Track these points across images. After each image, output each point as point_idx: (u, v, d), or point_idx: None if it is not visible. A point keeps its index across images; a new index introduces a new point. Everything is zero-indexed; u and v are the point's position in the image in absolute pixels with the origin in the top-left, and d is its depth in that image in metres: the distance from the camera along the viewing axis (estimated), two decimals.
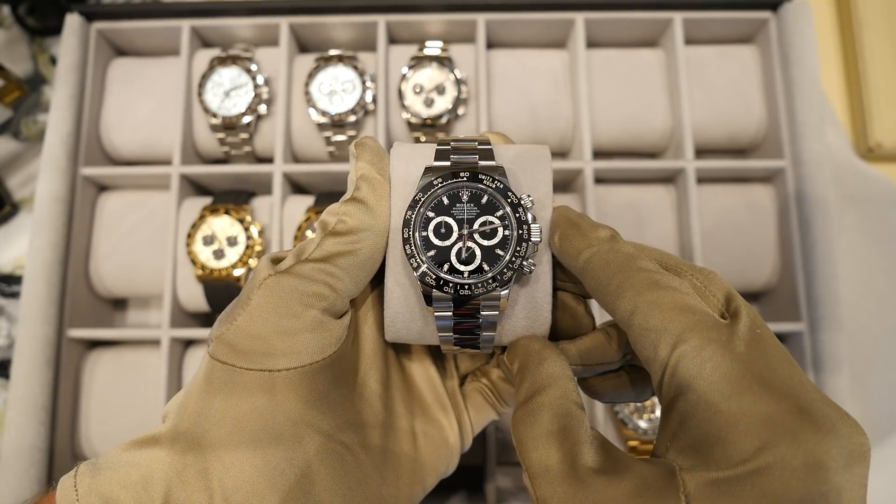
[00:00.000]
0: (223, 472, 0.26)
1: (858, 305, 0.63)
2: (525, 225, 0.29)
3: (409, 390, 0.34)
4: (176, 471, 0.26)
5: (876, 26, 0.67)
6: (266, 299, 0.28)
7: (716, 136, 0.62)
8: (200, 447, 0.26)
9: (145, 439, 0.27)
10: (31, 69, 0.70)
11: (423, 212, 0.30)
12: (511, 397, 0.35)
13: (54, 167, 0.57)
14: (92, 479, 0.26)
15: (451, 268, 0.29)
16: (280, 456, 0.27)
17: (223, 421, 0.27)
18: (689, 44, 0.62)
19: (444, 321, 0.30)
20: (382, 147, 0.32)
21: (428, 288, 0.29)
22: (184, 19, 0.61)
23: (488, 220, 0.29)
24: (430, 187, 0.30)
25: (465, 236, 0.29)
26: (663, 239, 0.60)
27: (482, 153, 0.31)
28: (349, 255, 0.29)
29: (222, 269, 0.57)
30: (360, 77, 0.60)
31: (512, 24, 0.61)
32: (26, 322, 0.55)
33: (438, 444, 0.34)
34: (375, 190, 0.30)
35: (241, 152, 0.62)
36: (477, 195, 0.30)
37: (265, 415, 0.27)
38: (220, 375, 0.27)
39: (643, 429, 0.54)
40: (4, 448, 0.53)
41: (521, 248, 0.29)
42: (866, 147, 0.66)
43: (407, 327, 0.31)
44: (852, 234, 0.65)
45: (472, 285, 0.29)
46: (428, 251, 0.29)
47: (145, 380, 0.57)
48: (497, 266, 0.29)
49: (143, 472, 0.25)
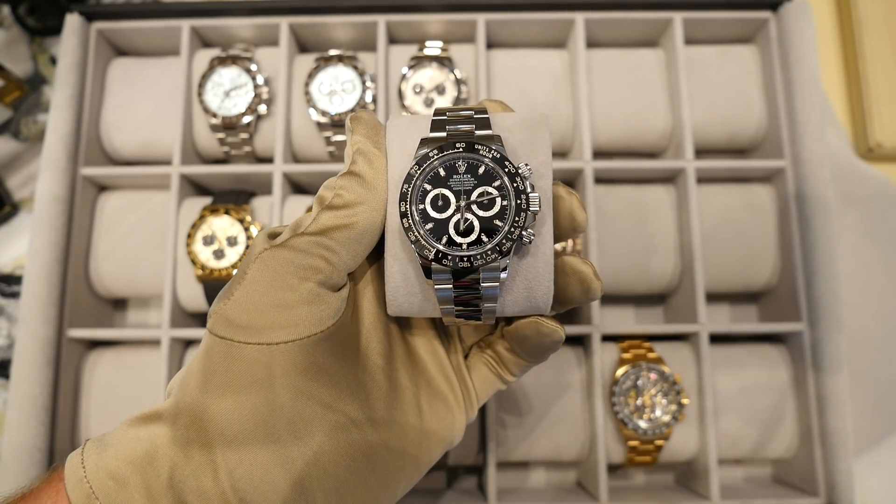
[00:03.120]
0: (226, 446, 0.26)
1: (858, 305, 0.63)
2: (523, 194, 0.29)
3: (413, 363, 0.34)
4: (180, 446, 0.26)
5: (876, 26, 0.67)
6: (262, 273, 0.28)
7: (716, 135, 0.62)
8: (202, 422, 0.26)
9: (149, 415, 0.27)
10: (31, 69, 0.70)
11: (419, 184, 0.29)
12: (516, 367, 0.35)
13: (54, 167, 0.57)
14: (98, 456, 0.26)
15: (449, 240, 0.29)
16: (282, 428, 0.27)
17: (224, 396, 0.27)
18: (689, 44, 0.62)
19: (445, 293, 0.30)
20: (378, 120, 0.32)
21: (426, 261, 0.29)
22: (184, 19, 0.61)
23: (486, 191, 0.29)
24: (426, 159, 0.29)
25: (462, 208, 0.29)
26: (663, 239, 0.60)
27: (478, 122, 0.30)
28: (345, 229, 0.28)
29: (222, 269, 0.57)
30: (360, 77, 0.60)
31: (512, 24, 0.61)
32: (26, 322, 0.55)
33: (443, 416, 0.34)
34: (372, 163, 0.30)
35: (241, 152, 0.62)
36: (474, 165, 0.29)
37: (265, 388, 0.27)
38: (219, 350, 0.27)
39: (643, 429, 0.54)
40: (4, 448, 0.53)
41: (520, 218, 0.29)
42: (866, 147, 0.66)
43: (408, 301, 0.31)
44: (852, 234, 0.65)
45: (472, 257, 0.28)
46: (426, 224, 0.29)
47: (145, 380, 0.57)
48: (496, 237, 0.29)
49: (147, 448, 0.26)
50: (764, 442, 0.57)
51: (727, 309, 0.64)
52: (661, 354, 0.56)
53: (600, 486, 0.53)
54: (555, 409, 0.56)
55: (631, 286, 0.60)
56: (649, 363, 0.55)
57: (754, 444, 0.57)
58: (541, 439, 0.56)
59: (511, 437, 0.56)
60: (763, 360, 0.58)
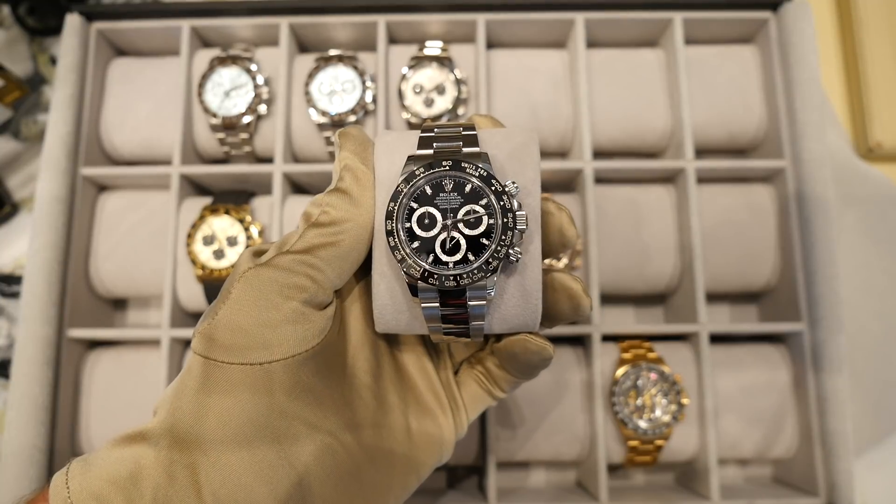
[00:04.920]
0: (210, 467, 0.26)
1: (858, 305, 0.63)
2: (510, 213, 0.29)
3: (402, 380, 0.34)
4: (163, 467, 0.25)
5: (876, 26, 0.67)
6: (245, 292, 0.27)
7: (716, 135, 0.62)
8: (187, 443, 0.26)
9: (134, 435, 0.27)
10: (31, 69, 0.70)
11: (405, 202, 0.29)
12: (506, 384, 0.35)
13: (54, 167, 0.57)
14: (82, 477, 0.25)
15: (435, 259, 0.29)
16: (266, 448, 0.27)
17: (207, 416, 0.26)
18: (689, 44, 0.62)
19: (432, 311, 0.29)
20: (367, 136, 0.32)
21: (413, 280, 0.29)
22: (184, 19, 0.61)
23: (472, 209, 0.29)
24: (412, 177, 0.29)
25: (449, 226, 0.29)
26: (663, 239, 0.60)
27: (466, 139, 0.30)
28: (331, 247, 0.28)
29: (222, 269, 0.57)
30: (360, 77, 0.60)
31: (512, 24, 0.61)
32: (26, 322, 0.55)
33: (432, 434, 0.33)
34: (359, 180, 0.30)
35: (241, 152, 0.62)
36: (460, 184, 0.29)
37: (249, 408, 0.27)
38: (202, 370, 0.27)
39: (643, 429, 0.54)
40: (4, 448, 0.53)
41: (507, 236, 0.28)
42: (866, 147, 0.66)
43: (395, 318, 0.31)
44: (852, 234, 0.65)
45: (458, 276, 0.28)
46: (412, 242, 0.29)
47: (145, 380, 0.57)
48: (482, 256, 0.28)
49: (131, 469, 0.25)
50: (764, 442, 0.57)
51: (727, 309, 0.65)
52: (661, 354, 0.56)
53: (600, 486, 0.53)
54: (555, 409, 0.56)
55: (631, 286, 0.60)
56: (649, 363, 0.55)
57: (754, 445, 0.57)
58: (541, 439, 0.56)
59: (511, 438, 0.56)
60: (763, 360, 0.58)
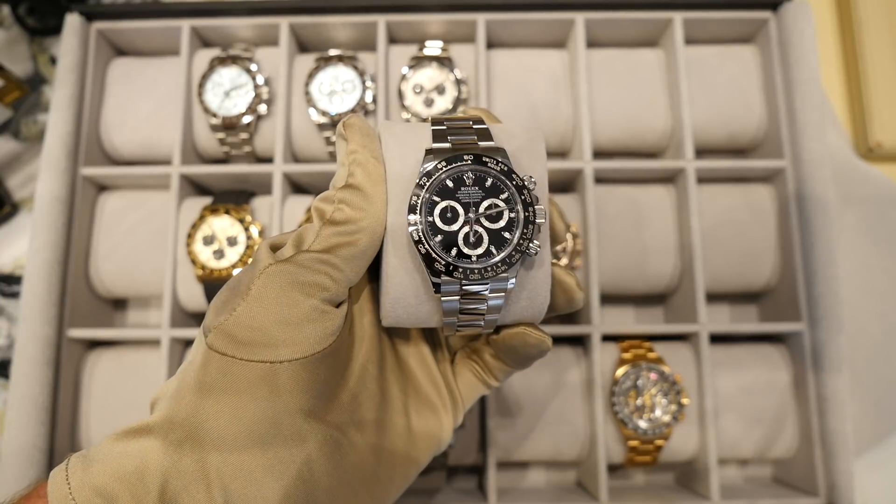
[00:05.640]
0: (221, 463, 0.26)
1: (858, 305, 0.63)
2: (531, 206, 0.29)
3: (402, 371, 0.34)
4: (172, 461, 0.25)
5: (876, 26, 0.67)
6: (267, 289, 0.27)
7: (716, 135, 0.62)
8: (198, 438, 0.26)
9: (137, 429, 0.26)
10: (31, 69, 0.70)
11: (428, 196, 0.29)
12: (501, 373, 0.35)
13: (54, 167, 0.57)
14: (84, 472, 0.25)
15: (459, 252, 0.29)
16: (278, 445, 0.27)
17: (221, 412, 0.26)
18: (689, 44, 0.62)
19: (451, 304, 0.29)
20: (370, 126, 0.31)
21: (437, 273, 0.29)
22: (184, 19, 0.61)
23: (494, 203, 0.29)
24: (435, 171, 0.29)
25: (471, 220, 0.29)
26: (663, 239, 0.60)
27: (479, 133, 0.30)
28: (349, 247, 0.28)
29: (222, 269, 0.57)
30: (360, 77, 0.60)
31: (512, 24, 0.61)
32: (26, 322, 0.55)
33: (431, 423, 0.34)
34: (370, 175, 0.29)
35: (241, 152, 0.62)
36: (481, 178, 0.29)
37: (265, 406, 0.26)
38: (218, 366, 0.27)
39: (643, 429, 0.54)
40: (4, 448, 0.53)
41: (528, 230, 0.29)
42: (866, 147, 0.66)
43: (407, 312, 0.31)
44: (852, 234, 0.65)
45: (482, 269, 0.28)
46: (435, 236, 0.29)
47: (145, 380, 0.57)
48: (505, 249, 0.29)
49: (137, 463, 0.25)
50: (764, 442, 0.57)
51: (727, 309, 0.65)
52: (661, 354, 0.56)
53: (600, 486, 0.53)
54: (555, 409, 0.56)
55: (631, 286, 0.60)
56: (649, 363, 0.55)
57: (754, 445, 0.57)
58: (541, 439, 0.56)
59: (511, 437, 0.56)
60: (763, 360, 0.58)
